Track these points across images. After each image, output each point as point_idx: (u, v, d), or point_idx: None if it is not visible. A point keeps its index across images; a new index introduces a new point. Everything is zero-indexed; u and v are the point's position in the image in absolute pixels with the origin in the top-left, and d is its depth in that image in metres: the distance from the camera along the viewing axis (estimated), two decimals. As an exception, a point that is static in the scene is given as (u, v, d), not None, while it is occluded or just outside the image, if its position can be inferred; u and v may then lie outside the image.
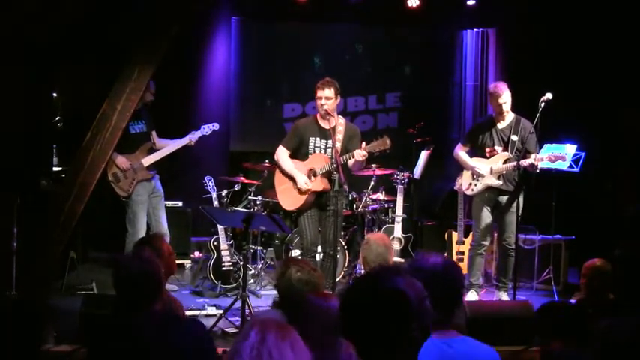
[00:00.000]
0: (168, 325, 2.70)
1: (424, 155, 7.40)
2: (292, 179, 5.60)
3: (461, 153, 6.17)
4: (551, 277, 6.59)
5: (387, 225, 6.93)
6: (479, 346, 2.25)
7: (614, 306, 4.27)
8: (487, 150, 5.99)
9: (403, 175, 6.86)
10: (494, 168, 5.91)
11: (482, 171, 5.95)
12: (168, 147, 6.33)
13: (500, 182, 5.91)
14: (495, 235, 6.28)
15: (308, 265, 3.33)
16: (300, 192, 5.55)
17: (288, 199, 5.69)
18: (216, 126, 6.44)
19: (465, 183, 6.19)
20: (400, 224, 6.80)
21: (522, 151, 5.82)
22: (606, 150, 7.17)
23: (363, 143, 5.37)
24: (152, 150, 6.30)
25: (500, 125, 5.96)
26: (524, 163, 5.68)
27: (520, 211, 5.85)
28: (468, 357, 2.15)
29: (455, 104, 8.82)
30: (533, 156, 5.74)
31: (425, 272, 2.23)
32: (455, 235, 6.89)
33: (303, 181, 5.53)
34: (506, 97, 5.85)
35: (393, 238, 6.70)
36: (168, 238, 6.18)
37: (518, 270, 6.00)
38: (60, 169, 6.90)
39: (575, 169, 6.44)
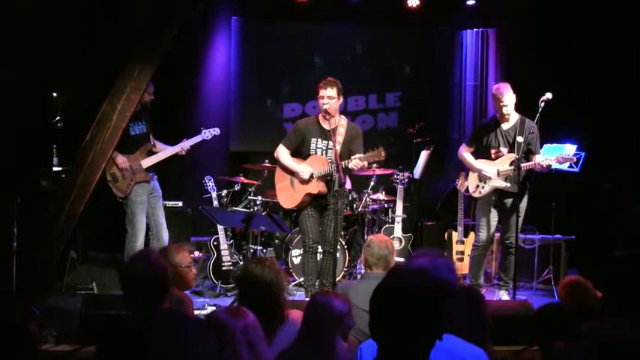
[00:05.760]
0: (174, 324, 2.71)
1: (424, 155, 7.39)
2: (292, 174, 5.61)
3: (466, 154, 6.11)
4: (551, 277, 6.59)
5: (387, 225, 6.92)
6: (464, 346, 2.22)
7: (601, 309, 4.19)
8: (492, 151, 5.94)
9: (403, 175, 6.85)
10: (501, 170, 5.87)
11: (489, 173, 5.90)
12: (163, 152, 6.31)
13: (508, 184, 5.85)
14: (497, 234, 6.27)
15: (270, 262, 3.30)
16: (302, 183, 5.54)
17: (286, 197, 5.70)
18: (217, 131, 6.38)
19: (471, 185, 6.14)
20: (400, 224, 6.79)
21: (525, 152, 5.79)
22: (606, 150, 7.16)
23: (357, 155, 5.38)
24: (151, 152, 6.28)
25: (505, 126, 5.90)
26: (536, 166, 5.67)
27: (524, 212, 5.86)
28: (454, 356, 2.11)
29: (455, 104, 8.80)
30: (537, 157, 5.73)
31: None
32: (455, 235, 6.88)
33: (305, 169, 5.51)
34: (507, 99, 5.78)
35: (393, 238, 6.70)
36: (167, 238, 6.19)
37: (518, 270, 5.99)
38: (60, 169, 6.90)
39: (576, 169, 6.43)
